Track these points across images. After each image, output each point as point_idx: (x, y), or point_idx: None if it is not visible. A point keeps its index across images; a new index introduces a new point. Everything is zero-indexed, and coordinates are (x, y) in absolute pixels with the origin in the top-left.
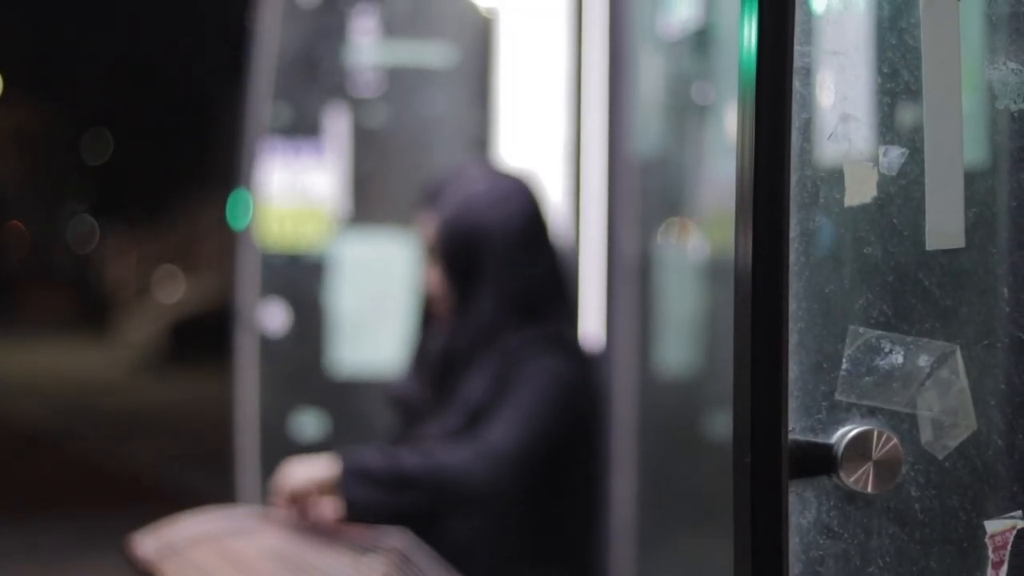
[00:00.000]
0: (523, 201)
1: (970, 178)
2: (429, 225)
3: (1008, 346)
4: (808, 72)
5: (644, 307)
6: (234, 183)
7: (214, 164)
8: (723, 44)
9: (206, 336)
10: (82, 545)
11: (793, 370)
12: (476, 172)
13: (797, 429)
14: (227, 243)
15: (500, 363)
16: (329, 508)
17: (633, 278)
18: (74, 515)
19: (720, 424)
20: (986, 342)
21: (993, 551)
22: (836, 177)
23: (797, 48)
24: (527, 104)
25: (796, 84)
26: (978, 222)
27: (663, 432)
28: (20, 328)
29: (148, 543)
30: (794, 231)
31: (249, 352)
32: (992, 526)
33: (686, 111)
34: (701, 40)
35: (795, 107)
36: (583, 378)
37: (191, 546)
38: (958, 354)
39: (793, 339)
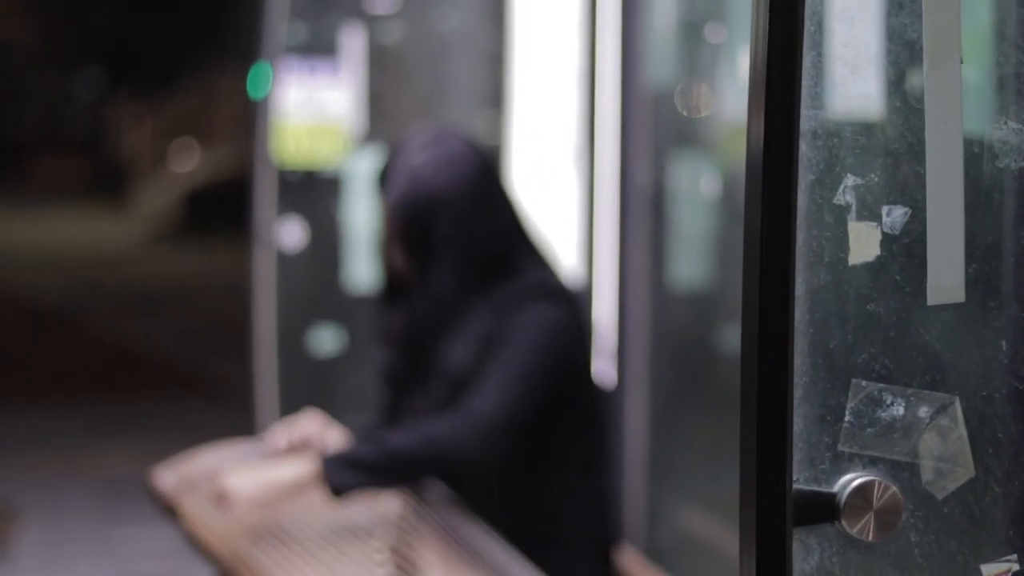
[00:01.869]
0: (468, 162)
1: (970, 235)
2: (384, 206)
3: (1005, 396)
4: (815, 135)
5: (657, 233)
6: (251, 53)
7: (231, 32)
8: None
9: (221, 206)
10: (96, 431)
11: (798, 423)
12: (416, 143)
13: (801, 479)
14: (243, 113)
15: (486, 323)
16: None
17: (646, 205)
18: (88, 399)
19: (731, 338)
20: (984, 392)
21: None
22: (841, 237)
23: (804, 112)
24: (542, 22)
25: (803, 147)
26: (978, 277)
27: (677, 350)
28: (32, 198)
29: (168, 477)
30: (799, 289)
31: (266, 268)
32: (988, 569)
33: (699, 45)
34: None
35: (802, 170)
36: (574, 321)
37: (210, 480)
38: (957, 404)
39: (798, 393)
